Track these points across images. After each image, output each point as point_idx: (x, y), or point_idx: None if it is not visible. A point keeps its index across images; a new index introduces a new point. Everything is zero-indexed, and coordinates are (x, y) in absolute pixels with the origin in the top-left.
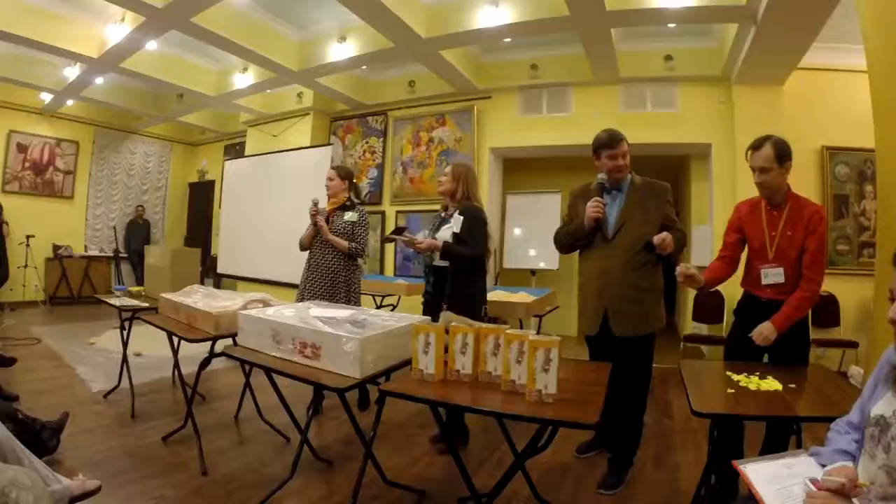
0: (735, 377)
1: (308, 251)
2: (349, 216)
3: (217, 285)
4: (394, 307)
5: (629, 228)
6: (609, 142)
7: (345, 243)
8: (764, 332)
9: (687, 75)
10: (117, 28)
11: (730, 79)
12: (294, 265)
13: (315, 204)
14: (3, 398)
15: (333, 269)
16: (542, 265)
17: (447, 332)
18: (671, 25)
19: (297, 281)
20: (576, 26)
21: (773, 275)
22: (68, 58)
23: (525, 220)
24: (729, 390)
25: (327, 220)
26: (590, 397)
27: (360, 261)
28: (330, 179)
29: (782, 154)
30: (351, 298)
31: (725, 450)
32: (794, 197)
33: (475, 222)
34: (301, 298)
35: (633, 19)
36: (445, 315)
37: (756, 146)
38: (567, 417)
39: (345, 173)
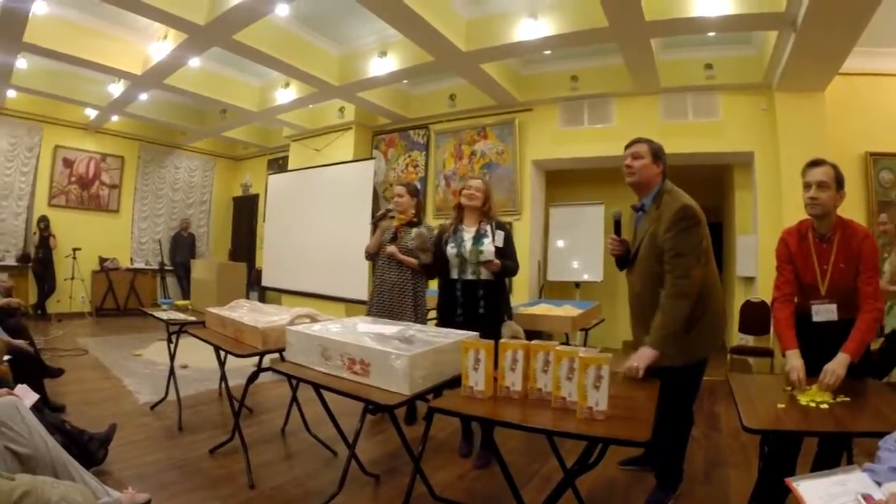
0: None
1: (374, 264)
2: (417, 233)
3: (261, 298)
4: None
5: (641, 258)
6: (626, 144)
7: (415, 262)
8: (838, 370)
9: (728, 83)
10: (160, 45)
11: (771, 86)
12: (338, 278)
13: (389, 211)
14: (50, 409)
15: (401, 284)
16: (585, 277)
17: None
18: (710, 34)
19: (342, 294)
20: (615, 37)
21: (824, 312)
22: (113, 75)
23: (568, 232)
24: (779, 405)
25: (395, 237)
26: (640, 413)
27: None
28: (399, 196)
29: (840, 179)
30: (418, 314)
31: (776, 465)
32: (843, 224)
33: (511, 237)
34: (369, 314)
35: (673, 29)
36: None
37: (815, 163)
38: (619, 435)
39: (413, 189)
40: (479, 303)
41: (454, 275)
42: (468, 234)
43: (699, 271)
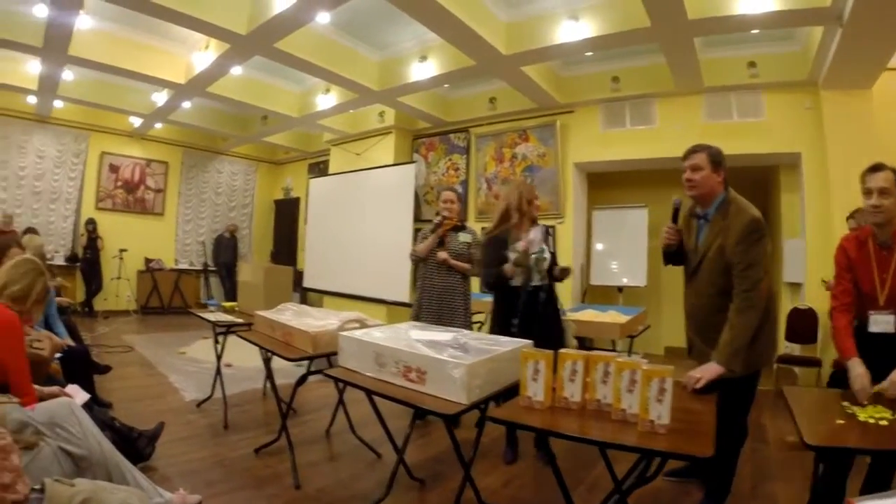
0: (846, 405)
1: (418, 269)
2: (464, 237)
3: (303, 299)
4: (481, 325)
5: (705, 268)
6: (683, 155)
7: (468, 266)
8: None
9: (772, 82)
10: (203, 55)
11: (816, 83)
12: (379, 281)
13: (445, 219)
14: (98, 405)
15: (453, 288)
16: (626, 281)
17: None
18: (754, 31)
19: (384, 296)
20: (658, 37)
21: (882, 322)
22: (156, 84)
23: (611, 235)
24: (838, 421)
25: (442, 242)
26: (700, 427)
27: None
28: (452, 202)
29: None
30: (468, 318)
31: (831, 483)
32: None
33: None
34: (417, 318)
35: (716, 27)
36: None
37: (876, 168)
38: (682, 449)
39: (460, 194)
40: (538, 308)
41: (517, 283)
42: None
43: (766, 283)
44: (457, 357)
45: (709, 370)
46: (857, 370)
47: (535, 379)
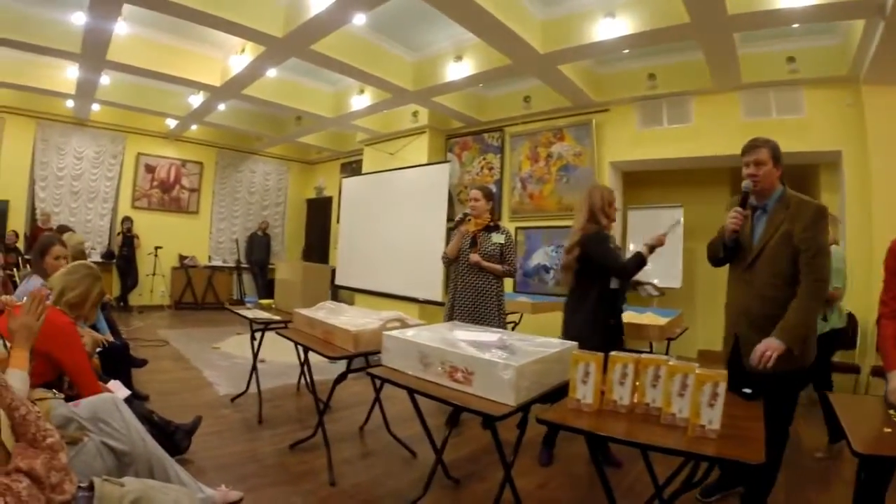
0: (893, 413)
1: (451, 268)
2: (497, 238)
3: (334, 296)
4: (515, 325)
5: (767, 257)
6: (744, 148)
7: (499, 267)
8: None
9: (811, 77)
10: (239, 58)
11: (858, 79)
12: (412, 279)
13: (466, 215)
14: (136, 398)
15: (486, 289)
16: (656, 282)
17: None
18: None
19: (416, 295)
20: (697, 34)
21: None
22: (192, 87)
23: (646, 235)
24: (885, 429)
25: (474, 242)
26: (751, 433)
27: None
28: (475, 200)
29: None
30: (502, 319)
31: (871, 493)
32: None
33: None
34: (450, 319)
35: (756, 22)
36: None
37: None
38: (734, 455)
39: (488, 193)
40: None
41: (615, 284)
42: None
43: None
44: (507, 358)
45: (773, 346)
46: (894, 384)
47: (585, 381)
